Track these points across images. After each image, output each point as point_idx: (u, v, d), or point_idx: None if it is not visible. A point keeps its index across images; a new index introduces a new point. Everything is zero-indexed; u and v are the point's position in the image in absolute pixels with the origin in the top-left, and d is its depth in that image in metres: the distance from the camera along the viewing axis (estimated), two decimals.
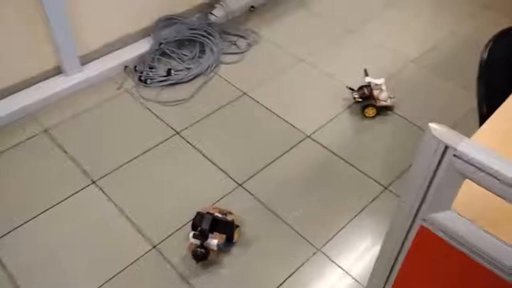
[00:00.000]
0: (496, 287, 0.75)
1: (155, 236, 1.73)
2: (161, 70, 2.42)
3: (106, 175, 1.93)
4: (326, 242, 1.72)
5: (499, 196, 0.66)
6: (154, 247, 1.70)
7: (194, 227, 1.69)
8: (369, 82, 2.19)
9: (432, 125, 0.70)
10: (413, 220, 0.80)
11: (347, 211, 1.82)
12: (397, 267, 0.89)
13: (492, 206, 0.81)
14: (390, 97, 2.20)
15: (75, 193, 1.87)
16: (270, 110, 2.24)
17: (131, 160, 2.00)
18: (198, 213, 1.69)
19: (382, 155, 2.04)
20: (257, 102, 2.29)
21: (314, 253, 1.69)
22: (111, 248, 1.69)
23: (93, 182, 1.91)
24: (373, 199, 1.86)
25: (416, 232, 0.81)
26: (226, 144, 2.08)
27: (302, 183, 1.93)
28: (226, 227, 1.63)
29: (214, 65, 2.48)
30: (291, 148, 2.06)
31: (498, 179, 0.64)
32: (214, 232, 1.63)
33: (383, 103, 2.17)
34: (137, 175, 1.94)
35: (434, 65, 2.51)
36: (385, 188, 1.91)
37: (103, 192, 1.87)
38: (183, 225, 1.76)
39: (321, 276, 1.63)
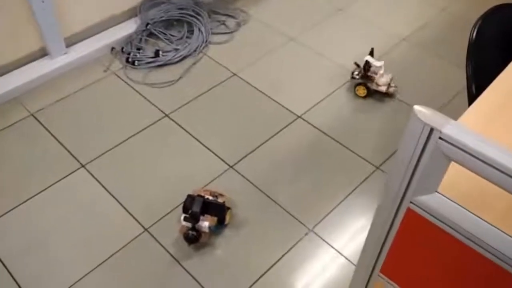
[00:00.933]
0: (482, 266, 0.76)
1: (146, 219, 1.72)
2: (149, 51, 2.38)
3: (95, 158, 1.92)
4: (318, 223, 1.73)
5: (484, 178, 0.66)
6: (146, 230, 1.70)
7: (185, 210, 1.68)
8: (366, 61, 2.13)
9: (417, 108, 0.69)
10: (400, 203, 0.80)
11: (339, 191, 1.83)
12: (386, 249, 0.90)
13: (476, 187, 0.81)
14: (391, 85, 2.13)
15: (64, 177, 1.85)
16: (261, 91, 2.22)
17: (120, 143, 1.98)
18: (189, 196, 1.69)
19: (374, 135, 2.04)
20: (247, 82, 2.26)
21: (306, 234, 1.70)
22: (103, 231, 1.69)
23: (83, 166, 1.89)
24: (365, 179, 1.87)
25: (404, 214, 0.81)
26: (216, 125, 2.07)
27: (294, 164, 1.92)
28: (217, 209, 1.63)
29: (202, 45, 2.45)
30: (282, 128, 2.05)
31: (484, 161, 0.64)
32: (205, 214, 1.62)
33: (379, 88, 2.12)
34: (127, 158, 1.93)
35: (426, 43, 2.49)
36: (377, 168, 1.91)
37: (93, 176, 1.86)
38: (174, 208, 1.76)
39: (313, 256, 1.64)
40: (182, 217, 1.61)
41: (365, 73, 2.13)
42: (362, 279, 1.02)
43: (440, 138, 0.67)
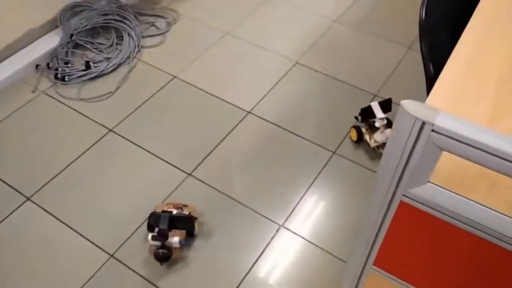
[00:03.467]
0: (477, 246, 0.77)
1: (109, 245, 1.62)
2: (78, 64, 2.23)
3: (40, 188, 1.77)
4: (288, 217, 1.72)
5: (480, 164, 0.66)
6: (111, 256, 1.60)
7: (150, 228, 1.61)
8: (369, 106, 1.86)
9: (405, 102, 0.68)
10: (392, 197, 0.80)
11: (301, 182, 1.82)
12: (379, 242, 0.89)
13: (456, 170, 0.82)
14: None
15: (10, 213, 1.70)
16: (205, 91, 2.16)
17: (65, 168, 1.84)
18: (153, 214, 1.61)
19: (324, 120, 2.05)
20: (190, 84, 2.19)
21: (278, 230, 1.68)
22: (65, 266, 1.57)
23: (28, 199, 1.74)
24: (325, 165, 1.88)
25: (396, 207, 0.81)
26: (166, 134, 1.98)
27: (252, 161, 1.89)
28: (185, 222, 1.57)
29: (135, 50, 2.33)
30: (234, 127, 2.01)
31: (479, 148, 0.64)
32: (173, 229, 1.56)
33: (370, 142, 1.87)
34: (75, 183, 1.80)
35: (357, 22, 2.53)
36: (334, 152, 1.92)
37: (41, 207, 1.72)
38: (137, 228, 1.67)
39: (288, 251, 1.62)
40: (149, 236, 1.53)
41: (366, 119, 1.91)
42: (354, 274, 1.02)
43: (433, 130, 0.67)
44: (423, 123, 0.67)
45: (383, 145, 1.88)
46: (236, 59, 2.31)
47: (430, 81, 1.05)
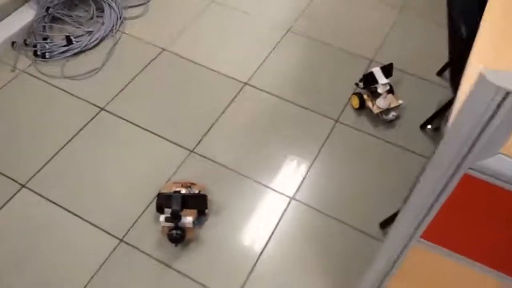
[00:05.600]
0: None
1: (117, 229, 1.56)
2: (59, 39, 2.08)
3: (34, 174, 1.67)
4: (298, 188, 1.69)
5: None
6: (121, 240, 1.53)
7: (159, 209, 1.55)
8: (370, 72, 1.81)
9: (486, 70, 0.64)
10: (456, 170, 0.77)
11: (307, 152, 1.79)
12: (432, 215, 0.87)
13: None
14: (391, 112, 1.83)
15: (6, 202, 1.59)
16: (197, 63, 2.06)
17: (58, 152, 1.74)
18: (161, 194, 1.55)
19: (323, 88, 2.01)
20: (180, 56, 2.09)
21: (289, 203, 1.65)
22: (73, 254, 1.50)
23: (23, 186, 1.64)
24: (328, 135, 1.85)
25: (459, 181, 0.78)
26: (162, 110, 1.89)
27: (254, 134, 1.84)
28: (197, 201, 1.52)
29: (118, 23, 2.20)
30: (233, 99, 1.94)
31: None
32: (184, 209, 1.50)
33: (373, 109, 1.84)
34: (71, 167, 1.70)
35: None
36: (336, 121, 1.89)
37: (38, 194, 1.62)
38: (144, 209, 1.60)
39: (302, 223, 1.60)
40: (162, 218, 1.47)
41: (368, 85, 1.87)
42: (395, 247, 1.00)
43: None
44: (507, 93, 0.64)
45: (386, 111, 1.86)
46: (225, 28, 2.22)
47: (462, 42, 1.01)
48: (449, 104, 1.76)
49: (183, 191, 1.56)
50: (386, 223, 1.59)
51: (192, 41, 2.14)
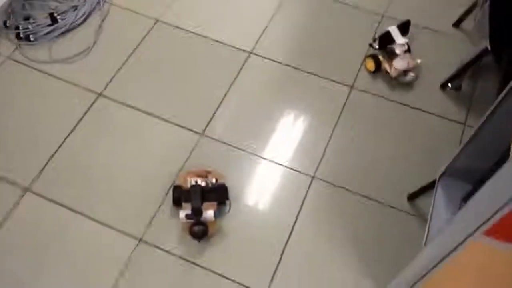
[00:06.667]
0: None
1: (134, 228, 1.47)
2: (42, 18, 1.90)
3: (37, 176, 1.56)
4: (317, 167, 1.60)
5: None
6: (140, 240, 1.46)
7: (177, 203, 1.46)
8: (387, 31, 1.69)
9: None
10: None
11: (324, 124, 1.68)
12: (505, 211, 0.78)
13: None
14: (409, 73, 1.71)
15: (13, 207, 1.49)
16: (196, 33, 1.90)
17: (59, 147, 1.62)
18: (177, 187, 1.46)
19: (333, 51, 1.87)
20: (176, 27, 1.92)
21: (311, 183, 1.57)
22: (93, 258, 1.42)
23: (28, 190, 1.53)
24: (345, 103, 1.73)
25: None
26: (164, 90, 1.76)
27: (266, 108, 1.72)
28: (217, 194, 1.43)
29: None
30: (239, 72, 1.80)
31: None
32: (204, 202, 1.42)
33: (391, 71, 1.72)
34: (75, 163, 1.59)
35: None
36: (351, 87, 1.77)
37: (45, 197, 1.52)
38: (160, 205, 1.51)
39: (325, 200, 1.53)
40: (182, 215, 1.39)
41: (384, 45, 1.73)
42: (457, 238, 0.91)
43: None
44: None
45: (404, 72, 1.74)
46: None
47: None
48: (472, 62, 1.65)
49: (199, 181, 1.47)
50: (414, 196, 1.52)
51: (186, 9, 1.97)
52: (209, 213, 1.39)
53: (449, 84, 1.76)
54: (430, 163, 1.57)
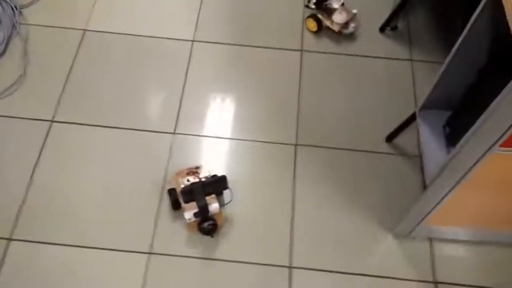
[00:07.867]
0: None
1: (139, 244, 1.41)
2: None
3: (15, 223, 1.43)
4: (296, 141, 1.63)
5: None
6: (150, 253, 1.41)
7: (175, 206, 1.43)
8: None
9: None
10: None
11: (289, 92, 1.71)
12: None
13: None
14: (349, 25, 1.77)
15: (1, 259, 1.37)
16: (131, 34, 1.82)
17: (28, 189, 1.49)
18: (171, 190, 1.42)
19: (272, 20, 1.88)
20: (108, 32, 1.82)
21: (296, 149, 1.60)
22: (110, 282, 1.35)
23: (10, 240, 1.41)
24: (300, 67, 1.77)
25: None
26: (119, 100, 1.67)
27: (226, 90, 1.71)
28: (218, 185, 1.41)
29: (15, 14, 1.83)
30: (188, 62, 1.76)
31: None
32: (206, 197, 1.39)
33: (332, 26, 1.78)
34: (52, 198, 1.47)
35: None
36: (301, 50, 1.81)
37: (35, 242, 1.40)
38: (156, 212, 1.46)
39: (313, 162, 1.57)
40: (188, 215, 1.36)
41: (320, 4, 1.79)
42: (475, 152, 0.99)
43: None
44: None
45: (345, 25, 1.81)
46: None
47: None
48: (403, 2, 1.76)
49: (192, 179, 1.44)
50: (391, 137, 1.61)
51: (110, 12, 1.87)
52: (214, 207, 1.38)
53: (387, 27, 1.86)
54: (394, 103, 1.67)
